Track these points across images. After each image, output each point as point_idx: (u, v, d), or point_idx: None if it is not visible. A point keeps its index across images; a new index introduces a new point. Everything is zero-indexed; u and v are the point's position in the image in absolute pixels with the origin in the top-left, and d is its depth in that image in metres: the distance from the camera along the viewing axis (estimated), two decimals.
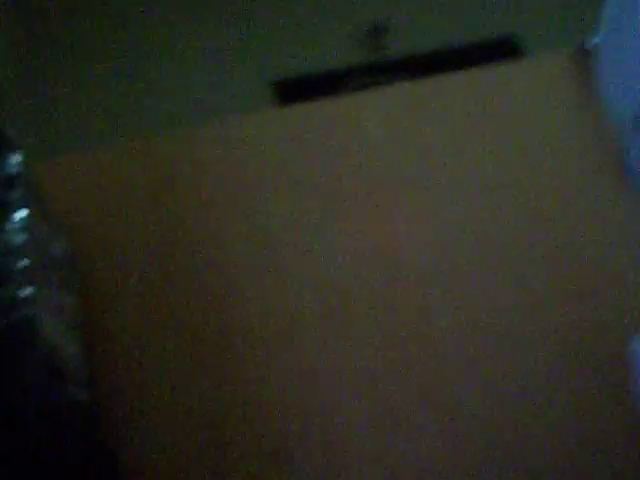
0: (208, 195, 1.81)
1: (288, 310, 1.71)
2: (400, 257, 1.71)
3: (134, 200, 1.80)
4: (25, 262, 1.27)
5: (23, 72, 3.41)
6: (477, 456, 1.61)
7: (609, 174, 1.73)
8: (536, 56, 2.71)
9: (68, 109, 3.53)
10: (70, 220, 1.76)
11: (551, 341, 1.68)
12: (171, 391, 1.67)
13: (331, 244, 1.74)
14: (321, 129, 1.82)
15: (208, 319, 1.71)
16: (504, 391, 1.66)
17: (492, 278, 1.70)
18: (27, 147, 1.59)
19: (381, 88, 1.89)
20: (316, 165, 1.79)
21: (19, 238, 1.29)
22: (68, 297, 1.53)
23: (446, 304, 1.70)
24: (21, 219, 1.32)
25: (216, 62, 3.70)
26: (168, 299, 1.72)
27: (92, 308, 1.69)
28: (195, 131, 1.90)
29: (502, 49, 3.64)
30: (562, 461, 1.61)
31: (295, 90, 3.62)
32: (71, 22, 3.73)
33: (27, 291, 1.24)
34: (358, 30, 3.84)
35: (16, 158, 1.36)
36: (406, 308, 1.69)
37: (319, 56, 3.76)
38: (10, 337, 1.17)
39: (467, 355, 1.68)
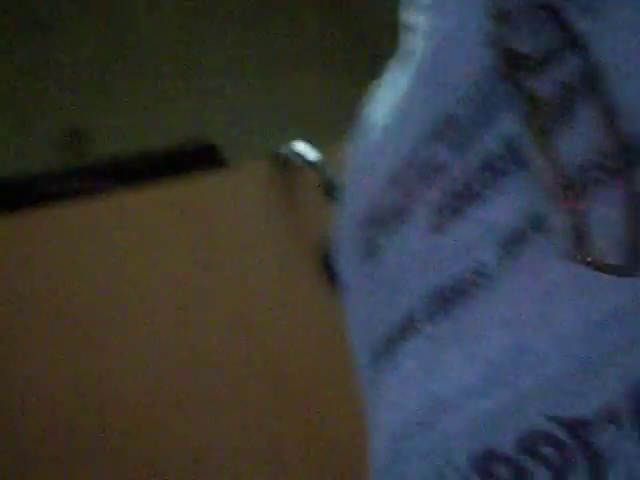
0: None
1: None
2: (109, 386, 1.64)
3: None
4: None
5: None
6: None
7: (309, 277, 1.76)
8: (236, 164, 2.65)
9: None
10: None
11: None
12: None
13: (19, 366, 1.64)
14: (20, 244, 1.72)
15: None
16: None
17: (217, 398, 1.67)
18: None
19: (80, 202, 1.82)
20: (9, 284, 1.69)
21: None
22: None
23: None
24: None
25: None
26: None
27: None
28: None
29: (203, 153, 3.62)
30: None
31: None
32: None
33: None
34: (53, 136, 3.75)
35: None
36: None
37: (13, 161, 3.54)
38: None
39: None
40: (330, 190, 1.82)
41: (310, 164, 1.80)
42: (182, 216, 1.81)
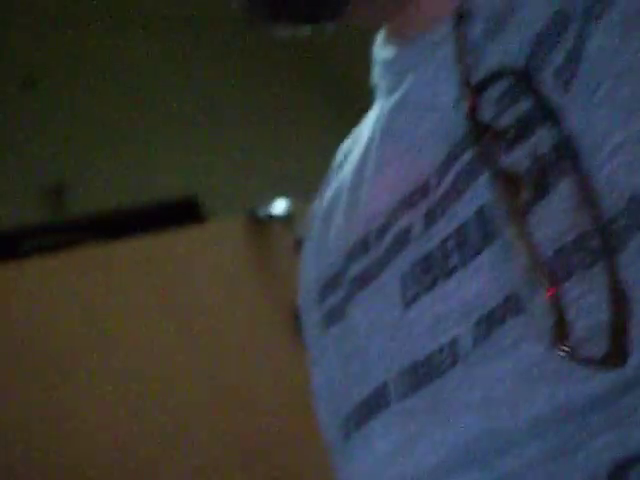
0: None
1: None
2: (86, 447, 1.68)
3: None
4: None
5: None
6: None
7: (283, 331, 1.80)
8: (213, 221, 2.84)
9: None
10: None
11: None
12: None
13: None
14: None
15: None
16: None
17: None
18: None
19: (60, 254, 1.88)
20: None
21: None
22: None
23: None
24: None
25: None
26: None
27: None
28: None
29: (184, 209, 3.67)
30: None
31: None
32: None
33: None
34: (37, 189, 3.80)
35: None
36: None
37: None
38: None
39: None
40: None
41: (285, 221, 1.84)
42: (159, 268, 1.82)
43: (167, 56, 4.04)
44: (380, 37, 0.61)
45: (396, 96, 0.56)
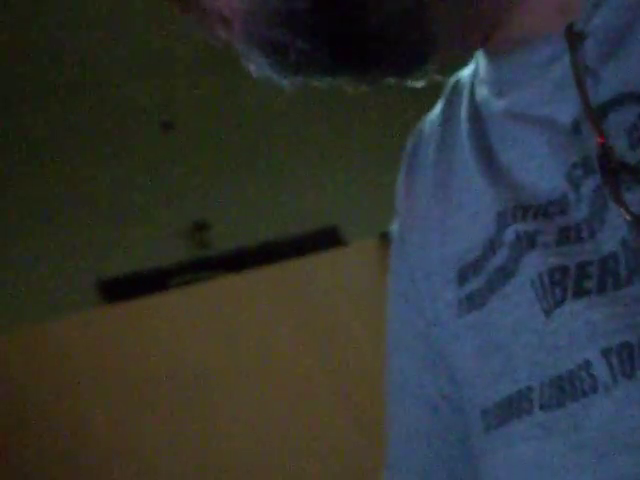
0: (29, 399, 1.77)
1: None
2: (220, 461, 1.70)
3: None
4: None
5: None
6: None
7: None
8: (352, 244, 2.84)
9: None
10: None
11: None
12: None
13: (154, 444, 1.72)
14: (147, 327, 1.83)
15: None
16: None
17: None
18: None
19: (204, 284, 1.96)
20: (141, 364, 1.80)
21: None
22: None
23: None
24: None
25: (38, 263, 3.70)
26: None
27: None
28: (16, 332, 1.89)
29: (325, 239, 3.66)
30: None
31: (120, 289, 3.58)
32: None
33: None
34: (180, 228, 3.91)
35: None
36: None
37: (142, 254, 3.77)
38: None
39: None
40: None
41: None
42: (300, 293, 1.84)
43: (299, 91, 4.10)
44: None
45: (502, 105, 0.56)
